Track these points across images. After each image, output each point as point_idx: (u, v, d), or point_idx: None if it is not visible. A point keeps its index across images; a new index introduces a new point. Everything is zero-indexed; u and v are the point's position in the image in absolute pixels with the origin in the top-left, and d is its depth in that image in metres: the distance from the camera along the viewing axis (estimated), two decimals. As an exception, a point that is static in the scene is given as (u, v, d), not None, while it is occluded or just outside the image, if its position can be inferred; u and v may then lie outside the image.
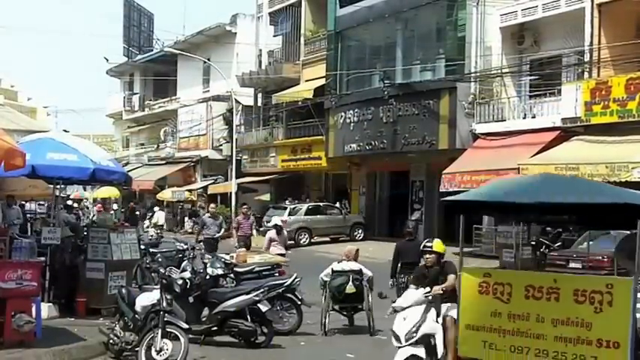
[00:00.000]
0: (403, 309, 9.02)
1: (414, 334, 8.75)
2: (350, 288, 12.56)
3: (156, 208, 39.71)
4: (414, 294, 9.19)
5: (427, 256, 9.70)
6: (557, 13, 24.21)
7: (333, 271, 12.79)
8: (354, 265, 12.89)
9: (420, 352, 8.67)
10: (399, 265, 13.08)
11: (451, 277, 9.29)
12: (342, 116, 32.70)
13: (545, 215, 9.71)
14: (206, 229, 20.42)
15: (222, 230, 21.25)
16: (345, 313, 13.10)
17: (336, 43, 33.74)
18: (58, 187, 14.26)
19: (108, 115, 65.31)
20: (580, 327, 7.07)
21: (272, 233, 17.69)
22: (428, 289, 9.10)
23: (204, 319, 11.59)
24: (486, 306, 7.58)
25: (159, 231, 31.12)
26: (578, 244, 19.34)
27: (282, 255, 16.41)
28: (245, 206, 22.97)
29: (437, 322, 8.93)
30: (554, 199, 7.50)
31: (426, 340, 8.81)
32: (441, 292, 9.09)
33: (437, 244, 9.66)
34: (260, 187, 40.84)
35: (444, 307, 9.07)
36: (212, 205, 24.40)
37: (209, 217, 21.16)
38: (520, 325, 7.33)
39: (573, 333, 7.07)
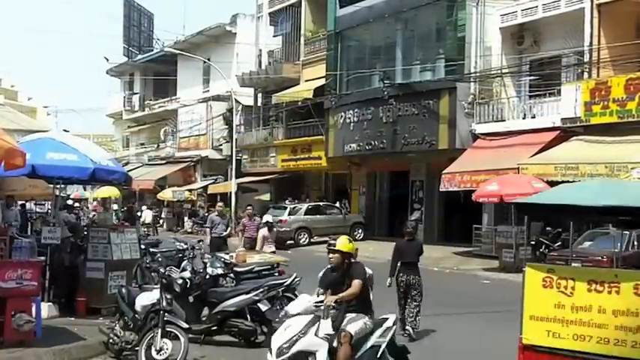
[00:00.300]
0: (292, 316, 7.96)
1: (286, 350, 7.66)
2: None
3: (143, 207, 39.68)
4: (305, 300, 8.14)
5: (330, 255, 8.32)
6: (557, 13, 24.25)
7: None
8: None
9: None
10: (399, 264, 12.74)
11: (356, 283, 8.08)
12: (341, 116, 32.73)
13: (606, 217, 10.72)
14: (214, 227, 20.12)
15: (229, 228, 21.12)
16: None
17: (336, 43, 33.78)
18: (58, 186, 14.27)
19: (108, 115, 65.37)
20: None
21: (264, 231, 17.97)
22: (322, 297, 8.01)
23: (204, 318, 11.59)
24: (550, 299, 8.11)
25: (145, 229, 31.27)
26: (578, 244, 19.36)
27: (273, 252, 16.62)
28: (250, 207, 22.19)
29: (327, 336, 7.84)
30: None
31: (302, 359, 7.74)
32: (333, 303, 7.92)
33: (341, 242, 8.27)
34: (260, 186, 40.86)
35: (347, 317, 8.01)
36: (219, 204, 23.91)
37: (217, 215, 20.83)
38: (582, 315, 7.93)
39: (633, 323, 7.65)
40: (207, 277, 11.96)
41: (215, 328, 11.53)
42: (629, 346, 7.62)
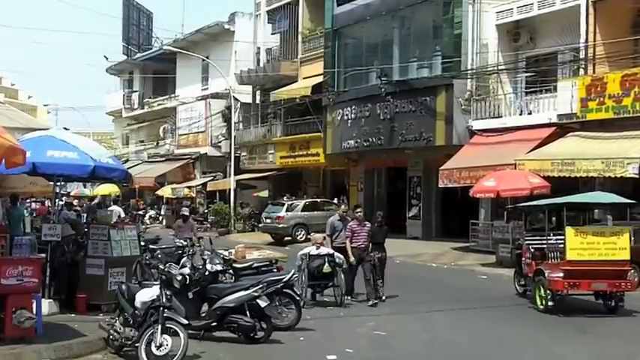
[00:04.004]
0: None
1: None
2: (326, 268, 15.03)
3: (111, 204, 39.35)
4: None
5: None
6: (552, 10, 24.32)
7: (310, 255, 15.15)
8: (327, 250, 15.44)
9: None
10: (371, 244, 15.79)
11: None
12: (339, 113, 32.83)
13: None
14: (335, 235, 16.20)
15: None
16: (319, 289, 15.51)
17: (334, 41, 33.85)
18: (59, 184, 14.35)
19: (108, 113, 65.34)
20: None
21: (180, 222, 20.41)
22: None
23: (203, 314, 11.68)
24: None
25: None
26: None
27: (190, 239, 17.78)
28: (359, 210, 16.48)
29: None
30: None
31: None
32: None
33: None
34: (259, 183, 40.98)
35: None
36: (343, 208, 18.16)
37: (338, 219, 16.42)
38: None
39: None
40: (207, 273, 12.01)
41: (214, 324, 11.60)
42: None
